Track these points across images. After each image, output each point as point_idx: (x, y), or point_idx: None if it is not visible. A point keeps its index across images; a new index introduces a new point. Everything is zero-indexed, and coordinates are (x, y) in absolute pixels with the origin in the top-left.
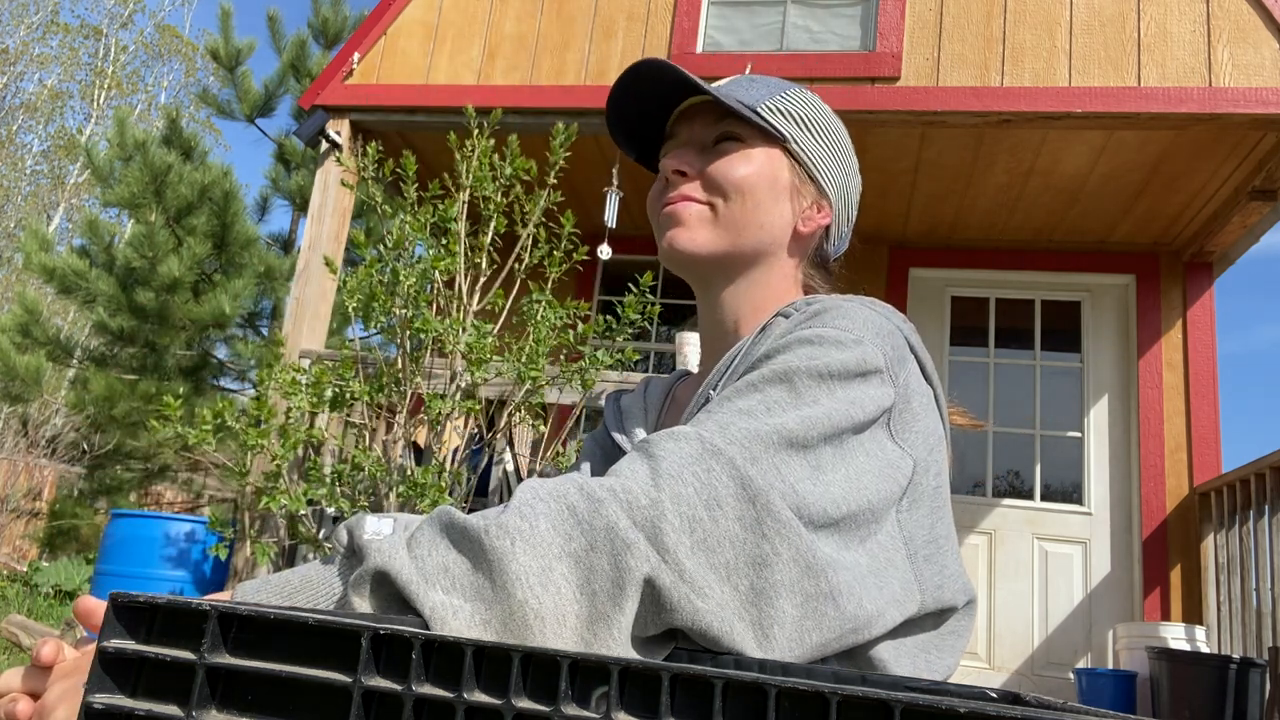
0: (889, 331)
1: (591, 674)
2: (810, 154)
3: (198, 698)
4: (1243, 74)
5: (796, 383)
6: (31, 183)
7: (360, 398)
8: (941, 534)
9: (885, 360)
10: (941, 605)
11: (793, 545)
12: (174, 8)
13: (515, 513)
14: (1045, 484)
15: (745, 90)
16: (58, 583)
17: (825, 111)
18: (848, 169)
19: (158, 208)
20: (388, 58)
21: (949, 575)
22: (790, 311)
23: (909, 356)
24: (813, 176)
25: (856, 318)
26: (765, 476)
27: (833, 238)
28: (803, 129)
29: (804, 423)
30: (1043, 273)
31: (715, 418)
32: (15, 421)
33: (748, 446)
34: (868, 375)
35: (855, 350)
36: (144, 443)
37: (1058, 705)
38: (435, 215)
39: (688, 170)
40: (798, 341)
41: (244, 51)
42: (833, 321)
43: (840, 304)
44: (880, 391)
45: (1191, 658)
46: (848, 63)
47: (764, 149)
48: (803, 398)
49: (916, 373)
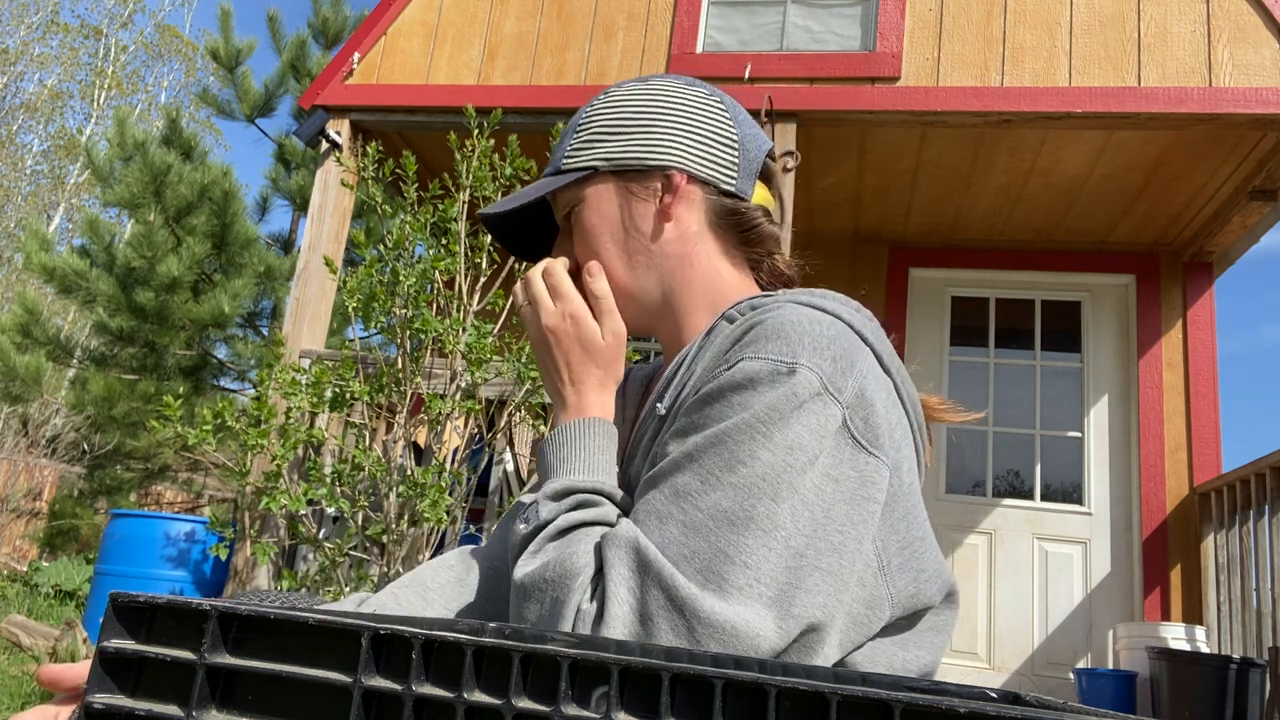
0: (829, 337)
1: (591, 674)
2: (624, 154)
3: (198, 698)
4: (1243, 74)
5: (729, 444)
6: (31, 183)
7: (360, 398)
8: (916, 536)
9: (821, 378)
10: (916, 608)
11: (723, 643)
12: (174, 8)
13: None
14: (1045, 484)
15: (558, 147)
16: (58, 583)
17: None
18: (669, 118)
19: (157, 208)
20: (388, 58)
21: (925, 578)
22: (734, 315)
23: (860, 350)
24: (642, 168)
25: (790, 334)
26: (693, 581)
27: (712, 180)
28: (608, 137)
29: (741, 492)
30: (1043, 273)
31: (653, 505)
32: (15, 421)
33: (682, 547)
34: (803, 405)
35: (785, 385)
36: (144, 443)
37: (1058, 705)
38: (435, 215)
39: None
40: (730, 388)
41: (244, 51)
42: (764, 349)
43: (776, 315)
44: (821, 416)
45: (1191, 658)
46: (848, 63)
47: (589, 197)
48: (739, 459)
49: (872, 366)
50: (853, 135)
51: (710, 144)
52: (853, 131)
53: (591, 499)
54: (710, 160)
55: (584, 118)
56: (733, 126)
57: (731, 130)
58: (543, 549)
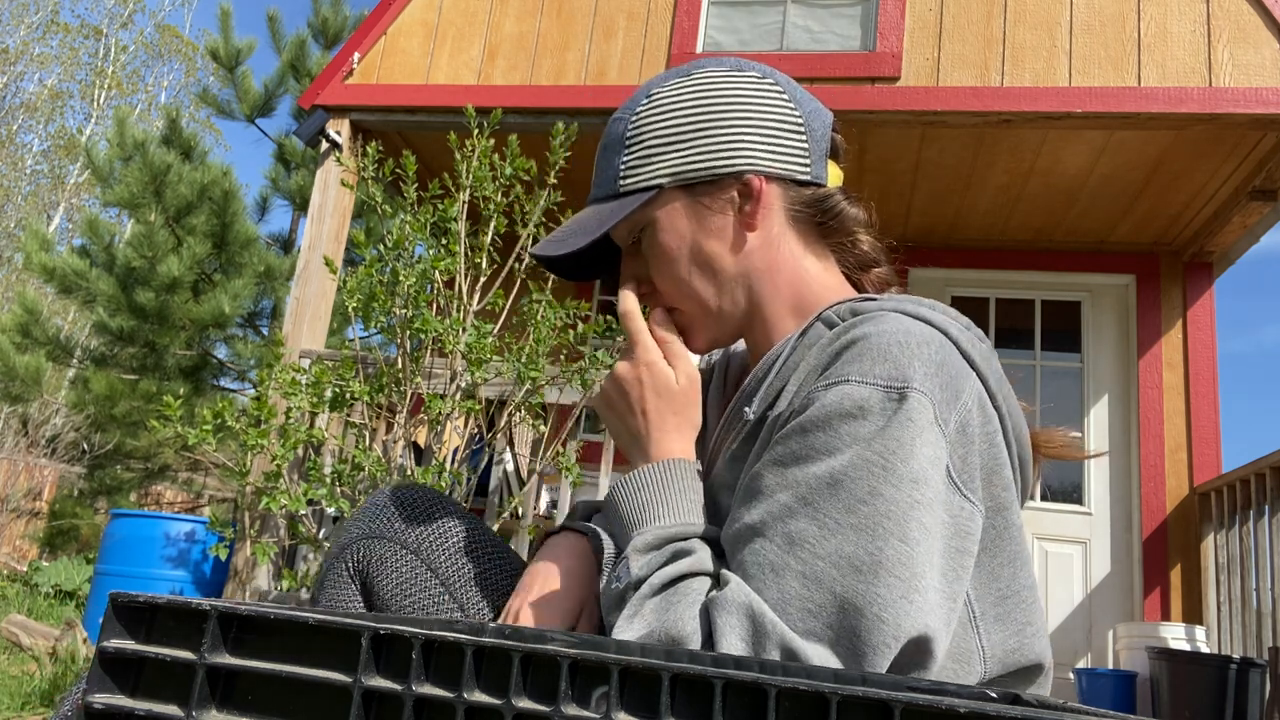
0: (938, 361)
1: (591, 674)
2: (690, 165)
3: (198, 698)
4: (1243, 74)
5: (846, 484)
6: (31, 183)
7: (360, 398)
8: (1020, 586)
9: (934, 406)
10: (1015, 666)
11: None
12: (174, 8)
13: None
14: (1045, 484)
15: (604, 165)
16: (58, 583)
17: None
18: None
19: (157, 208)
20: (388, 58)
21: (1030, 632)
22: (833, 319)
23: (966, 377)
24: (712, 178)
25: (898, 355)
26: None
27: (787, 174)
28: (666, 148)
29: (865, 535)
30: (1043, 273)
31: (765, 556)
32: (15, 421)
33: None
34: (922, 434)
35: (900, 413)
36: (144, 443)
37: (1058, 705)
38: (435, 215)
39: (644, 289)
40: (837, 416)
41: (244, 51)
42: (871, 370)
43: (880, 328)
44: (935, 448)
45: (1191, 658)
46: (848, 63)
47: (659, 220)
48: (860, 499)
49: (977, 396)
50: (853, 135)
51: (778, 134)
52: (853, 131)
53: (684, 547)
54: (782, 152)
55: (632, 128)
56: (794, 108)
57: (795, 113)
58: (641, 610)
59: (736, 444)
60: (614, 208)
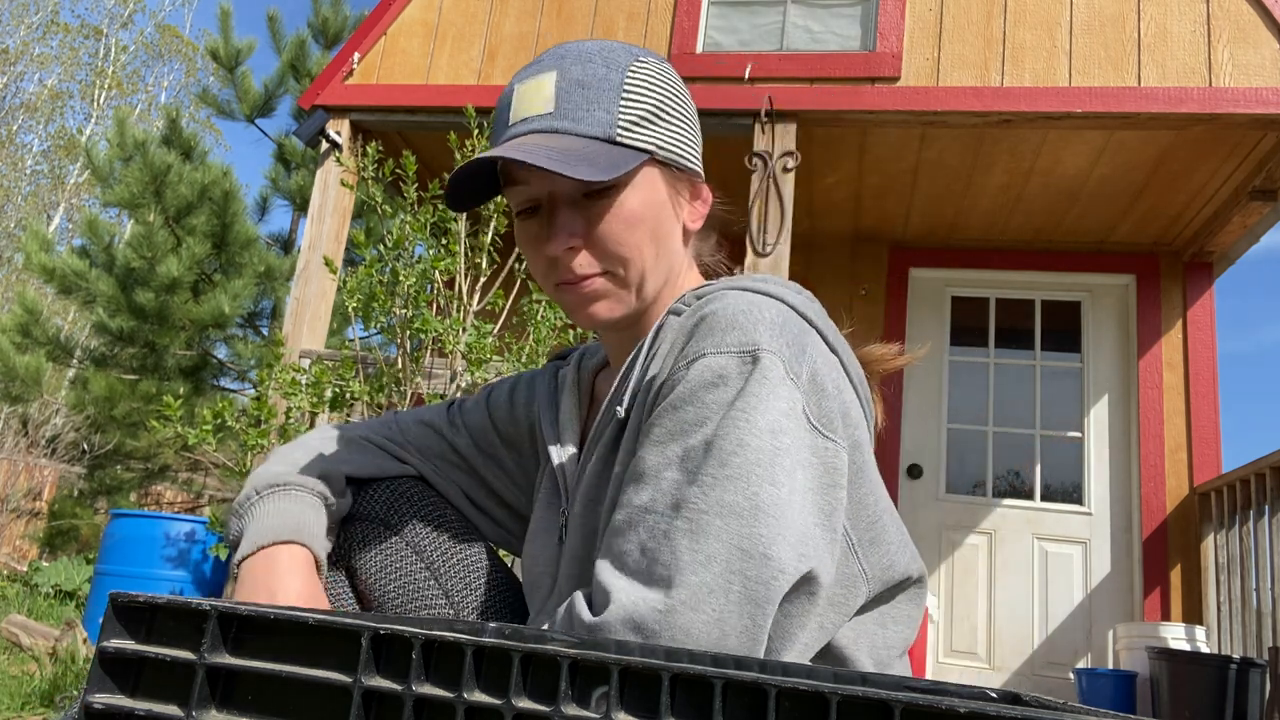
0: (779, 321)
1: (591, 674)
2: (672, 146)
3: (198, 698)
4: (1243, 74)
5: (718, 445)
6: (31, 183)
7: (360, 398)
8: (880, 510)
9: (784, 362)
10: (892, 581)
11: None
12: (174, 8)
13: None
14: (1045, 484)
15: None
16: (58, 583)
17: (663, 75)
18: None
19: (157, 208)
20: (388, 58)
21: (895, 550)
22: (680, 308)
23: (807, 334)
24: (685, 167)
25: (744, 322)
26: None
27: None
28: (655, 120)
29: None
30: (1043, 273)
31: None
32: (15, 421)
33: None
34: (775, 390)
35: (755, 372)
36: (144, 443)
37: (1058, 705)
38: (435, 215)
39: (575, 244)
40: (701, 387)
41: (244, 51)
42: (723, 340)
43: (724, 304)
44: (790, 396)
45: (1191, 658)
46: (848, 63)
47: (638, 181)
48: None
49: (820, 349)
50: (853, 135)
51: (698, 146)
52: (853, 131)
53: None
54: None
55: (629, 84)
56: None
57: (698, 133)
58: None
59: (606, 443)
60: (618, 154)
